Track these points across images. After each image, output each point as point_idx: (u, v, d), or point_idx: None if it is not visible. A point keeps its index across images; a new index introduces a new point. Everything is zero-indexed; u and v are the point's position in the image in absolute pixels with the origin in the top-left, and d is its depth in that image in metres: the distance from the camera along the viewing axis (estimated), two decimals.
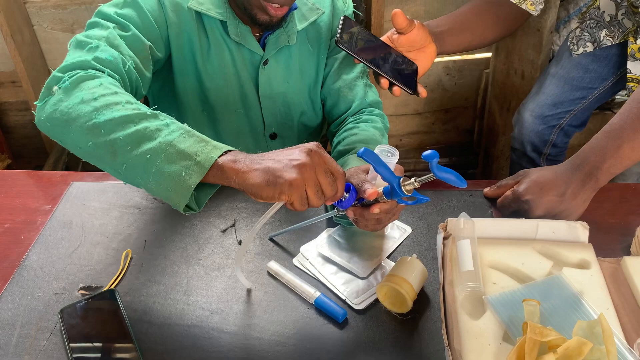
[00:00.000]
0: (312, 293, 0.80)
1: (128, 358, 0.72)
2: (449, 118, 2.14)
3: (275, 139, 1.16)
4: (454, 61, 2.00)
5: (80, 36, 0.86)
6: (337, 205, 0.75)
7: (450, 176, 0.67)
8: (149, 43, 0.93)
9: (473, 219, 0.82)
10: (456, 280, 0.76)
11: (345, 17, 0.96)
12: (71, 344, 0.74)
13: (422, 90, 0.97)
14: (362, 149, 0.68)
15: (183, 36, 1.00)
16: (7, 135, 2.12)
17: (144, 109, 0.74)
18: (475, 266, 0.76)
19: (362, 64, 1.11)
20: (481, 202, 0.97)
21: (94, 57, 0.82)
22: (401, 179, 0.70)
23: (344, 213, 0.78)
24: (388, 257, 0.87)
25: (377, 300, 0.79)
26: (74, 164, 1.92)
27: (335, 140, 1.06)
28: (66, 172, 1.09)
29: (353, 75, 1.10)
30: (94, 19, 0.91)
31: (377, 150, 0.74)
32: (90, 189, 1.02)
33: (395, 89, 0.95)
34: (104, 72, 0.81)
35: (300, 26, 1.05)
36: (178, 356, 0.74)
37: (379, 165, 0.70)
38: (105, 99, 0.74)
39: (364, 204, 0.76)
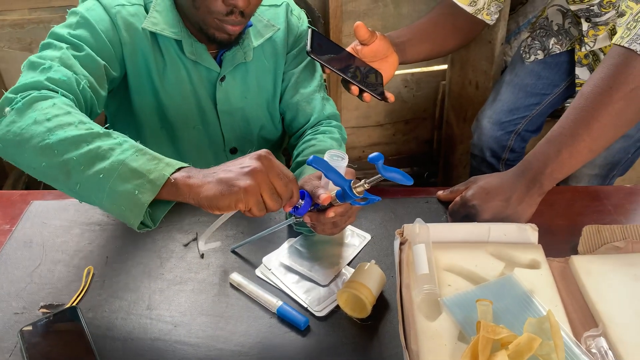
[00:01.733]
0: (275, 302, 0.81)
1: None
2: (409, 129, 2.19)
3: (235, 153, 1.17)
4: (412, 74, 2.05)
5: (33, 57, 0.86)
6: (294, 212, 0.77)
7: (396, 175, 0.70)
8: (104, 62, 0.94)
9: (428, 224, 0.85)
10: (413, 283, 0.78)
11: (313, 30, 0.99)
12: None
13: (389, 95, 1.02)
14: (311, 157, 0.71)
15: (138, 55, 1.01)
16: None
17: (97, 128, 0.74)
18: (431, 269, 0.78)
19: (319, 77, 1.15)
20: (437, 207, 1.01)
21: (47, 78, 0.82)
22: (352, 181, 0.73)
23: (301, 220, 0.80)
24: (348, 264, 0.89)
25: (338, 306, 0.81)
26: (34, 184, 1.89)
27: (295, 152, 1.08)
28: (26, 191, 1.08)
29: (310, 89, 1.13)
30: (47, 40, 0.90)
31: (327, 156, 0.76)
32: (51, 207, 1.01)
33: (365, 95, 0.99)
34: (57, 92, 0.80)
35: (256, 43, 1.07)
36: None
37: (329, 172, 0.72)
38: (58, 119, 0.74)
39: (320, 209, 0.78)
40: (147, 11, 1.00)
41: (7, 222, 0.99)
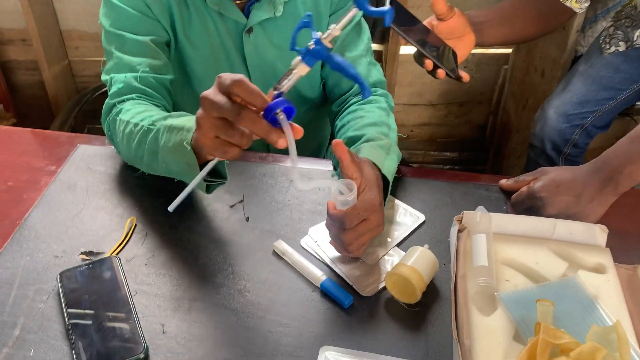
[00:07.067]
0: (319, 276, 0.77)
1: (125, 327, 0.70)
2: (462, 112, 2.11)
3: None
4: (473, 54, 1.96)
5: (103, 77, 0.96)
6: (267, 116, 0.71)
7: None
8: (148, 38, 0.95)
9: (490, 213, 0.80)
10: (469, 274, 0.74)
11: None
12: (68, 308, 0.72)
13: (464, 75, 0.95)
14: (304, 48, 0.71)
15: (165, 10, 0.97)
16: (13, 93, 2.09)
17: (146, 122, 0.83)
18: (490, 262, 0.74)
19: (366, 40, 1.10)
20: (497, 197, 0.95)
21: (111, 94, 0.92)
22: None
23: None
24: (398, 245, 0.85)
25: (384, 288, 0.77)
26: (80, 127, 1.89)
27: (339, 123, 1.03)
28: (73, 133, 1.06)
29: (356, 54, 1.07)
30: (103, 39, 0.98)
31: (334, 187, 0.74)
32: (97, 152, 0.99)
33: (440, 71, 0.93)
34: (123, 102, 0.91)
35: None
36: (176, 328, 0.72)
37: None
38: (126, 132, 0.86)
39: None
40: None
41: (53, 163, 0.97)
